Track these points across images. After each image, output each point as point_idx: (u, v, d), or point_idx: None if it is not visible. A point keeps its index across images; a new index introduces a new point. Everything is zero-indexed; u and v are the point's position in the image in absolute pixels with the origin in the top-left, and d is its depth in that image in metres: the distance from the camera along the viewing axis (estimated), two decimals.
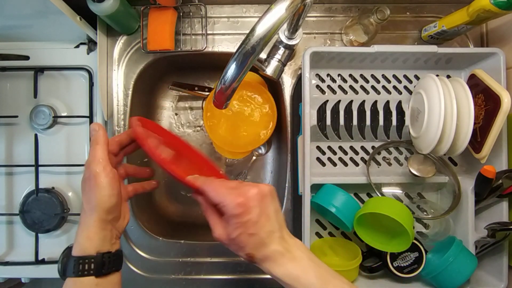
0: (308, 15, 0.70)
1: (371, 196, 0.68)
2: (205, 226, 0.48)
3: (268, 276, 0.40)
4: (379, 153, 0.68)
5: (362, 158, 0.68)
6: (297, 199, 0.68)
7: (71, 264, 0.39)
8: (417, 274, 0.61)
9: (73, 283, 0.39)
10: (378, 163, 0.68)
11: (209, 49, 0.69)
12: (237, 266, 0.68)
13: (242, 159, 0.82)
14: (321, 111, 0.66)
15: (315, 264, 0.41)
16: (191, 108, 0.83)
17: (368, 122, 0.66)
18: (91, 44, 0.69)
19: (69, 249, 0.43)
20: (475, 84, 0.60)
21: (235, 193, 0.39)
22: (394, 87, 0.68)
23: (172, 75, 0.81)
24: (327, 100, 0.66)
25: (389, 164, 0.68)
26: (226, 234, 0.40)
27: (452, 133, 0.55)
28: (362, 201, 0.68)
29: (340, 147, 0.68)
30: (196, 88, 0.79)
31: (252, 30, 0.36)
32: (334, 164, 0.68)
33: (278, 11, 0.36)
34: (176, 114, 0.83)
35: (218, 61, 0.73)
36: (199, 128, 0.82)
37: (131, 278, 0.67)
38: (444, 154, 0.59)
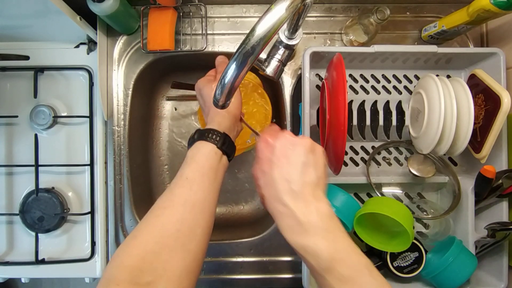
0: (308, 15, 0.69)
1: (371, 196, 0.68)
2: None
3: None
4: (379, 153, 0.68)
5: (362, 158, 0.68)
6: None
7: (204, 132, 0.46)
8: (417, 274, 0.61)
9: (201, 145, 0.45)
10: (378, 163, 0.68)
11: (209, 49, 0.69)
12: (236, 265, 0.68)
13: (240, 157, 0.83)
14: None
15: (331, 236, 0.36)
16: (191, 108, 0.83)
17: (368, 122, 0.66)
18: (91, 44, 0.69)
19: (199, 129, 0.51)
20: (475, 84, 0.60)
21: (272, 133, 0.42)
22: (394, 87, 0.68)
23: (172, 75, 0.81)
24: None
25: (389, 164, 0.68)
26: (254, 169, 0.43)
27: (452, 133, 0.55)
28: (362, 201, 0.68)
29: None
30: None
31: (252, 30, 0.36)
32: None
33: (278, 11, 0.36)
34: (175, 108, 0.83)
35: None
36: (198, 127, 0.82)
37: None
38: (444, 154, 0.59)
